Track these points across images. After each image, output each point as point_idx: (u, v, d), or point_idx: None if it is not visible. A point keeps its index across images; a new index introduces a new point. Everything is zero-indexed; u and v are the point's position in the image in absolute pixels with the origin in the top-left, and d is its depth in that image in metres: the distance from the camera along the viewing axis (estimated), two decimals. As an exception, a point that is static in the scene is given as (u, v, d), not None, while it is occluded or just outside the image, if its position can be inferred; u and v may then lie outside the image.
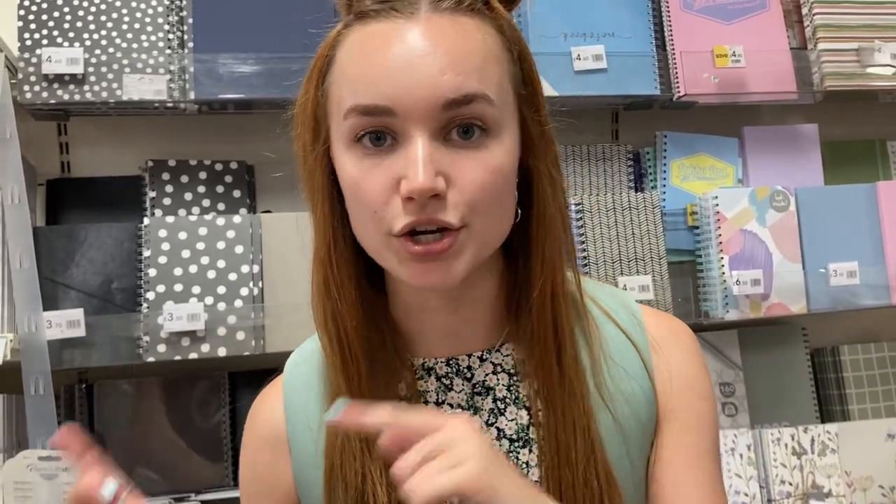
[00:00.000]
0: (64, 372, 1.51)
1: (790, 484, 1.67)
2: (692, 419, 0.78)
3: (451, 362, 0.77)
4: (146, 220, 1.48)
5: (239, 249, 1.48)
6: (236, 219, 1.50)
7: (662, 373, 0.78)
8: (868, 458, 1.71)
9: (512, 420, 0.77)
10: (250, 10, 1.51)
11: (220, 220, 1.49)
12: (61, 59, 1.42)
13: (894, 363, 1.86)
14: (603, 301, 0.81)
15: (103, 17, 1.48)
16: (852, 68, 1.74)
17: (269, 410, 0.83)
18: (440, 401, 0.77)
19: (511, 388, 0.77)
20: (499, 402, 0.77)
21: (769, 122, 1.91)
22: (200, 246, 1.47)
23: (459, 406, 0.77)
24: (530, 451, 0.76)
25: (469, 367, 0.77)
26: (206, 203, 1.57)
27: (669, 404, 0.78)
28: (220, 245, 1.48)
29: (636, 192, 1.74)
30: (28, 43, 1.44)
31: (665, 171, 1.76)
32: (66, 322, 1.38)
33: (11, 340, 1.31)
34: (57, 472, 1.32)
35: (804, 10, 1.78)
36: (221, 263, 1.47)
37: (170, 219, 1.48)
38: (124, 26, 1.48)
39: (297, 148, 0.76)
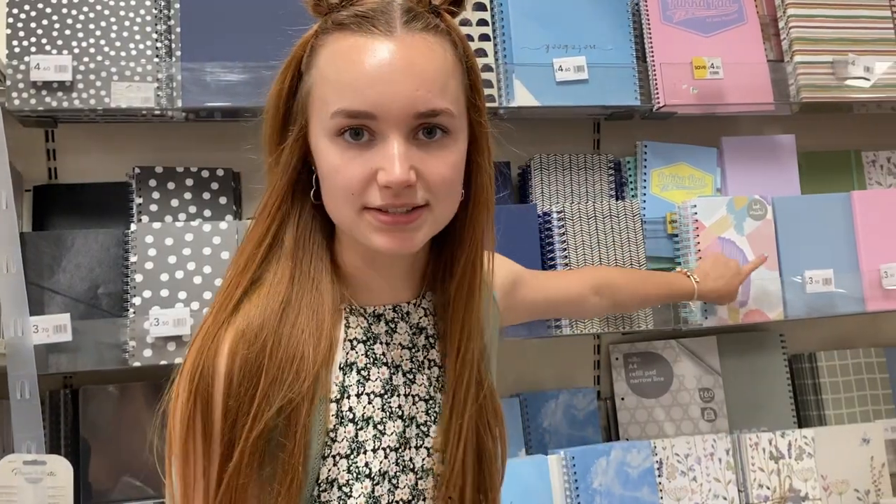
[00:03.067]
0: (50, 376, 1.52)
1: (768, 488, 1.70)
2: (516, 271, 1.24)
3: (396, 308, 0.94)
4: (133, 226, 1.49)
5: (225, 255, 1.50)
6: (222, 225, 1.51)
7: (505, 302, 1.16)
8: (844, 463, 1.74)
9: (439, 351, 0.96)
10: (237, 20, 1.53)
11: (207, 227, 1.50)
12: (50, 66, 1.43)
13: (870, 369, 1.90)
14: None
15: (92, 26, 1.49)
16: (827, 80, 1.77)
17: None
18: (388, 341, 0.92)
19: (436, 326, 0.96)
20: (430, 339, 0.96)
21: (747, 132, 1.95)
22: (187, 252, 1.49)
23: (403, 344, 0.93)
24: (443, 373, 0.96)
25: (408, 313, 0.94)
26: (192, 209, 1.58)
27: (506, 299, 1.16)
28: (207, 251, 1.49)
29: (617, 200, 1.77)
30: (17, 50, 1.45)
31: (645, 180, 1.79)
32: (53, 327, 1.39)
33: (-2, 344, 1.32)
34: (42, 477, 1.33)
35: (781, 24, 1.82)
36: (207, 269, 1.49)
37: (156, 225, 1.50)
38: (112, 34, 1.50)
39: (265, 128, 0.89)
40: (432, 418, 0.93)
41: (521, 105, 1.61)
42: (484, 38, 1.65)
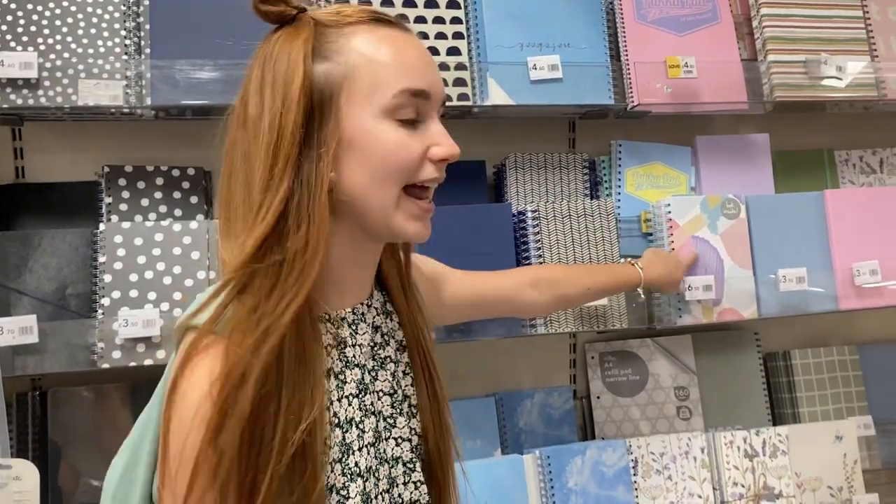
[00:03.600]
0: (17, 379, 1.49)
1: (742, 486, 1.71)
2: (430, 267, 1.22)
3: (354, 310, 0.95)
4: (102, 226, 1.47)
5: (195, 255, 1.48)
6: (192, 225, 1.49)
7: (423, 288, 1.10)
8: (817, 460, 1.75)
9: (392, 347, 0.99)
10: (208, 17, 1.51)
11: (177, 226, 1.49)
12: (14, 63, 1.41)
13: (843, 367, 1.91)
14: None
15: (58, 22, 1.47)
16: (800, 80, 1.78)
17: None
18: (353, 343, 0.94)
19: (385, 323, 1.00)
20: (385, 336, 0.99)
21: (721, 131, 1.95)
22: (156, 252, 1.47)
23: (365, 344, 0.95)
24: (398, 366, 0.99)
25: (363, 314, 0.96)
26: (162, 209, 1.56)
27: (427, 287, 1.14)
28: (177, 251, 1.47)
29: (592, 199, 1.77)
30: (-19, 47, 1.43)
31: (620, 179, 1.79)
32: (19, 328, 1.36)
33: (-38, 347, 1.30)
34: (7, 481, 1.31)
35: (754, 23, 1.83)
36: (177, 269, 1.47)
37: (126, 224, 1.47)
38: (80, 31, 1.47)
39: (288, 124, 0.82)
40: (397, 410, 0.97)
41: (495, 104, 1.60)
42: (458, 36, 1.64)
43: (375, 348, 0.97)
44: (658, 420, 1.83)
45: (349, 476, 0.88)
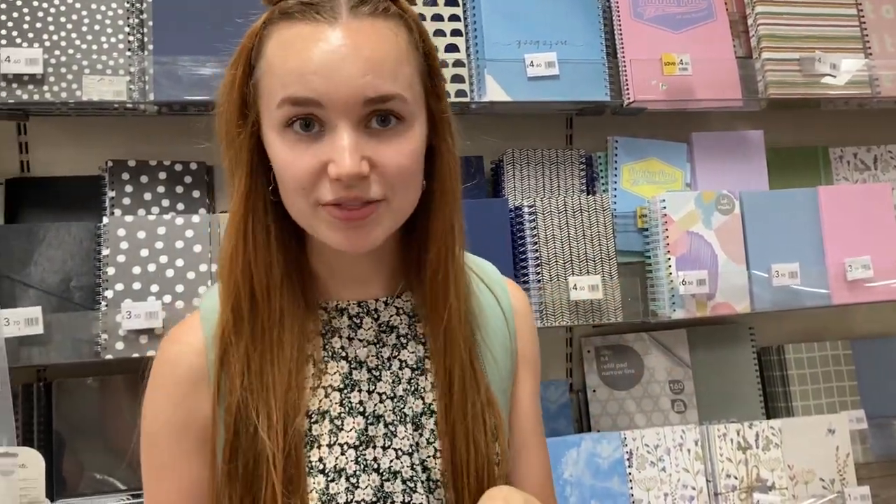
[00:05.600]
0: (23, 369, 1.52)
1: (735, 478, 1.73)
2: (536, 369, 1.02)
3: (361, 304, 0.91)
4: (105, 220, 1.50)
5: (197, 248, 1.50)
6: (195, 218, 1.52)
7: (521, 330, 0.99)
8: (810, 453, 1.77)
9: (412, 353, 0.92)
10: (210, 13, 1.53)
11: (179, 220, 1.51)
12: (20, 59, 1.43)
13: (836, 361, 1.94)
14: (479, 267, 0.98)
15: (63, 19, 1.49)
16: (795, 77, 1.80)
17: (185, 346, 0.88)
18: (351, 336, 0.90)
19: (411, 327, 0.92)
20: (402, 338, 0.92)
21: (717, 128, 1.97)
22: (159, 245, 1.49)
23: (368, 340, 0.90)
24: (426, 377, 0.91)
25: (376, 310, 0.91)
26: (165, 203, 1.59)
27: (524, 355, 0.99)
28: (179, 244, 1.50)
29: (588, 195, 1.79)
30: (-13, 43, 1.45)
31: (616, 175, 1.81)
32: (24, 320, 1.39)
33: (-32, 338, 1.32)
34: (13, 469, 1.33)
35: (749, 21, 1.85)
36: (180, 262, 1.49)
37: (129, 218, 1.50)
38: (84, 27, 1.50)
39: (220, 123, 0.85)
40: (399, 418, 0.88)
41: (492, 100, 1.63)
42: (456, 33, 1.66)
43: (380, 346, 0.90)
44: (653, 413, 1.86)
45: (307, 469, 0.84)
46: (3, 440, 1.33)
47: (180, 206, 1.59)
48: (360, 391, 0.88)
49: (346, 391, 0.88)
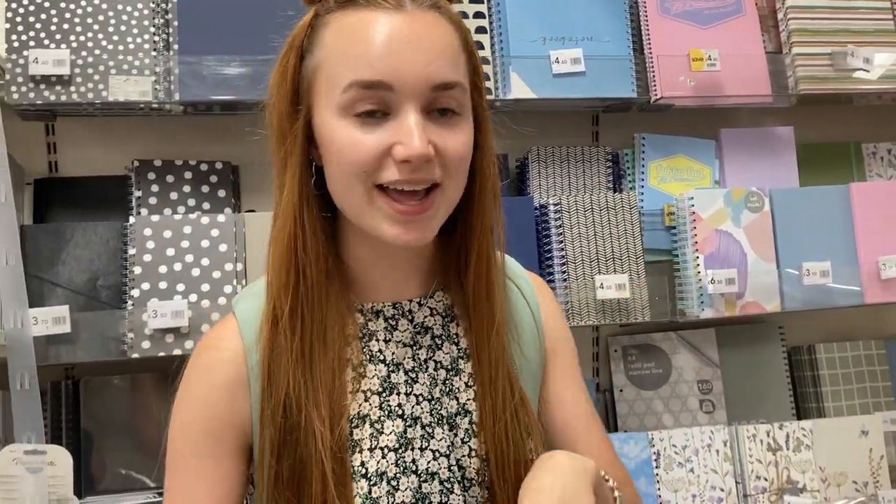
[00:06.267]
0: (51, 368, 1.53)
1: (765, 479, 1.70)
2: (569, 351, 1.01)
3: (396, 306, 0.90)
4: (132, 219, 1.51)
5: (223, 248, 1.51)
6: (220, 218, 1.52)
7: (548, 321, 0.99)
8: (842, 455, 1.74)
9: (447, 353, 0.91)
10: (235, 13, 1.53)
11: (205, 219, 1.51)
12: (48, 60, 1.44)
13: (870, 361, 1.90)
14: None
15: (89, 20, 1.50)
16: (826, 72, 1.77)
17: (226, 352, 0.87)
18: (388, 339, 0.90)
19: (445, 328, 0.92)
20: (436, 339, 0.91)
21: (746, 124, 1.94)
22: (185, 244, 1.50)
23: (404, 342, 0.90)
24: (460, 378, 0.91)
25: (410, 311, 0.91)
26: (191, 202, 1.60)
27: (553, 343, 0.99)
28: (205, 243, 1.50)
29: (615, 192, 1.77)
30: (15, 44, 1.47)
31: (643, 173, 1.79)
32: (52, 318, 1.40)
33: (-2, 336, 1.34)
34: (42, 466, 1.35)
35: (779, 15, 1.82)
36: (206, 261, 1.50)
37: (155, 217, 1.51)
38: (110, 28, 1.51)
39: (273, 114, 0.85)
40: (436, 419, 0.88)
41: (517, 97, 1.61)
42: (481, 30, 1.65)
43: (416, 348, 0.90)
44: (681, 413, 1.83)
45: (351, 475, 0.84)
46: (31, 438, 1.35)
47: (206, 206, 1.60)
48: (398, 394, 0.88)
49: (384, 394, 0.88)
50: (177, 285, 1.48)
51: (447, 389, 0.90)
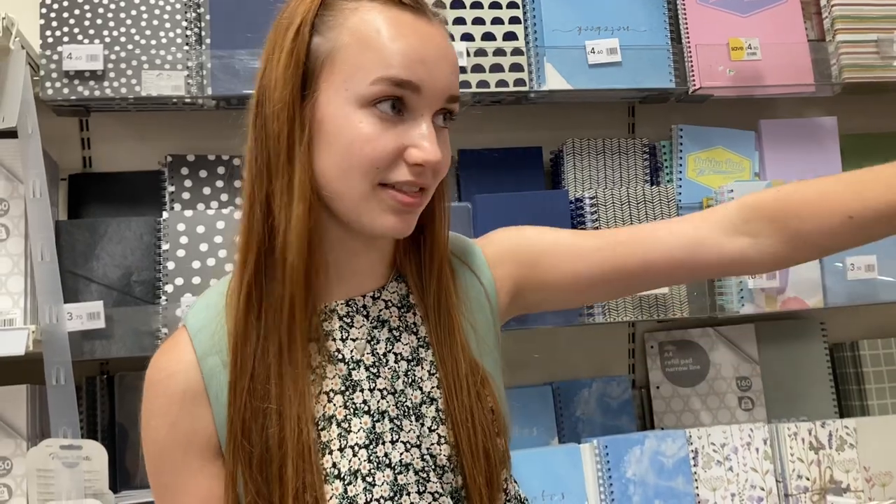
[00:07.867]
0: (87, 363, 1.54)
1: (807, 479, 1.67)
2: (536, 236, 1.01)
3: (349, 303, 0.89)
4: (165, 214, 1.51)
5: (255, 243, 1.50)
6: (253, 212, 1.51)
7: (497, 264, 0.97)
8: (888, 454, 1.70)
9: (406, 344, 0.90)
10: (266, 6, 1.51)
11: (238, 214, 1.51)
12: (81, 55, 1.45)
13: (915, 358, 1.85)
14: (451, 244, 0.96)
15: (122, 15, 1.50)
16: (871, 60, 1.72)
17: (177, 363, 0.86)
18: (344, 337, 0.88)
19: (402, 318, 0.91)
20: (394, 332, 0.90)
21: (787, 114, 1.89)
22: (218, 239, 1.49)
23: (361, 339, 0.89)
24: (422, 367, 0.90)
25: (364, 306, 0.90)
26: (224, 197, 1.59)
27: (520, 267, 0.98)
28: (238, 238, 1.50)
29: (652, 185, 1.74)
30: (49, 40, 1.47)
31: (681, 165, 1.75)
32: (87, 314, 1.40)
33: (33, 332, 1.34)
34: (78, 461, 1.35)
35: (823, 2, 1.77)
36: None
37: (188, 213, 1.51)
38: (143, 23, 1.51)
39: (275, 100, 0.81)
40: (402, 412, 0.87)
41: (552, 89, 1.59)
42: (514, 20, 1.62)
43: (374, 343, 0.89)
44: (719, 411, 1.80)
45: (324, 477, 0.82)
46: (67, 433, 1.36)
47: (239, 201, 1.59)
48: (361, 391, 0.87)
49: (348, 392, 0.86)
50: (210, 280, 1.48)
51: (409, 380, 0.89)
